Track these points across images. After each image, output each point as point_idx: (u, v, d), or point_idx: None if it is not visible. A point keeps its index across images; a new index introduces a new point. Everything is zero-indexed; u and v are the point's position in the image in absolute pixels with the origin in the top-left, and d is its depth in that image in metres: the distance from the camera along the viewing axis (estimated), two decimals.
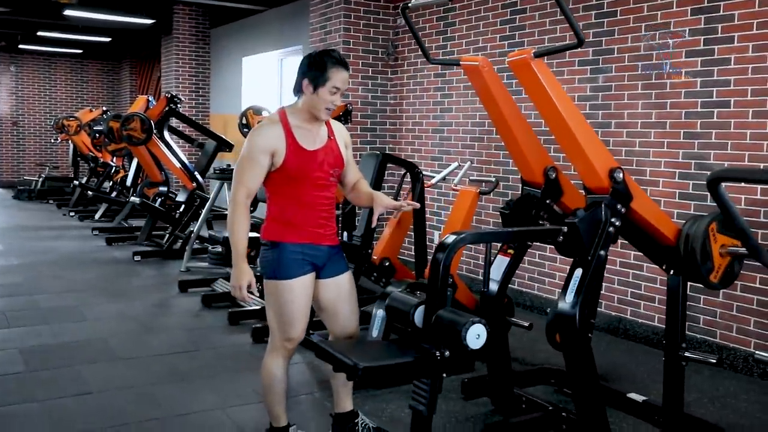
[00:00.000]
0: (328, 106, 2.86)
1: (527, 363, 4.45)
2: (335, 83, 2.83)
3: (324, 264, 3.02)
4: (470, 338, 2.73)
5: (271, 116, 2.99)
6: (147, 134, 7.61)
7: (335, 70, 2.83)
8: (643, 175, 4.89)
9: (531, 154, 3.34)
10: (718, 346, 4.48)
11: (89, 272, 6.89)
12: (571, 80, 5.41)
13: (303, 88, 2.87)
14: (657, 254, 3.38)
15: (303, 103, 2.89)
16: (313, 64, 2.85)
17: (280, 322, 3.01)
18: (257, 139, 2.87)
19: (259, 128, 2.93)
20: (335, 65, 2.84)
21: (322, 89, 2.82)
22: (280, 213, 2.95)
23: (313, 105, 2.86)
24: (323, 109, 2.86)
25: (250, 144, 2.87)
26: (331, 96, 2.84)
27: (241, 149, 2.90)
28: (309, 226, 2.95)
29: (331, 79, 2.83)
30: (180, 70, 11.80)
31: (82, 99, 16.35)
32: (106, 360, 4.35)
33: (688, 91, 4.61)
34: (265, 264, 2.98)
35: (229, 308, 5.39)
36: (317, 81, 2.83)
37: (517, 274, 5.83)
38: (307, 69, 2.86)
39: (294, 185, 2.91)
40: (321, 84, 2.82)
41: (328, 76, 2.82)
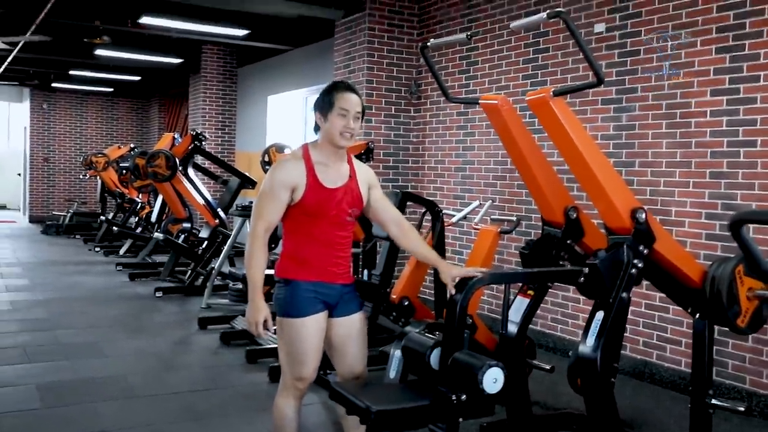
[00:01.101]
0: (341, 130, 2.86)
1: (549, 407, 4.34)
2: (342, 105, 2.86)
3: (336, 303, 2.99)
4: (487, 382, 2.66)
5: (294, 152, 3.00)
6: (172, 171, 7.69)
7: (340, 94, 2.88)
8: (668, 216, 4.81)
9: (551, 193, 3.29)
10: (747, 393, 4.33)
11: (112, 308, 6.92)
12: (594, 119, 5.37)
13: (317, 120, 2.93)
14: (682, 297, 3.30)
15: (321, 136, 2.93)
16: (321, 96, 2.93)
17: (291, 361, 2.96)
18: (278, 174, 2.88)
19: (281, 163, 2.94)
20: (340, 90, 2.90)
21: (331, 114, 2.86)
22: (294, 250, 2.93)
23: (328, 133, 2.88)
24: (338, 134, 2.86)
25: (271, 178, 2.88)
26: (342, 120, 2.85)
27: (262, 184, 2.91)
28: (323, 264, 2.93)
29: (338, 101, 2.86)
30: (207, 108, 11.98)
31: (111, 136, 16.65)
32: (123, 397, 4.32)
33: (713, 131, 4.55)
34: (277, 301, 2.96)
35: (247, 346, 5.36)
36: (325, 108, 2.88)
37: (540, 315, 5.74)
38: (317, 102, 2.94)
39: (311, 222, 2.91)
40: (329, 110, 2.87)
41: (333, 100, 2.86)
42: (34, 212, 16.05)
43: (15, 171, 17.71)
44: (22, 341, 5.55)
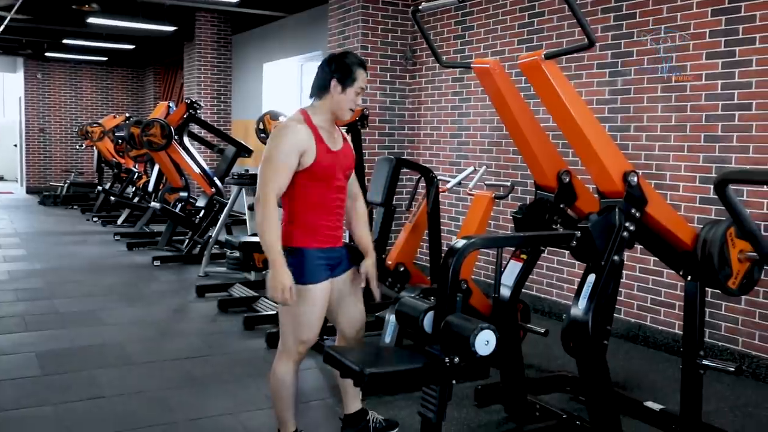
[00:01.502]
0: (351, 106, 2.96)
1: (543, 370, 4.38)
2: (361, 84, 2.95)
3: (338, 263, 3.05)
4: (479, 344, 2.68)
5: (295, 117, 2.96)
6: (167, 140, 7.67)
7: (360, 71, 2.96)
8: (662, 180, 4.81)
9: (544, 157, 3.28)
10: (740, 354, 4.37)
11: (109, 277, 6.95)
12: (589, 83, 5.34)
13: (331, 88, 2.92)
14: (674, 259, 3.30)
15: (327, 103, 2.94)
16: (340, 66, 2.93)
17: (297, 324, 2.99)
18: (291, 138, 2.84)
19: (288, 127, 2.88)
20: (359, 67, 2.96)
21: (350, 89, 2.93)
22: (301, 217, 2.93)
23: (339, 105, 2.94)
24: (347, 108, 2.95)
25: (279, 142, 2.84)
26: (356, 96, 2.96)
27: (267, 148, 2.87)
28: (330, 230, 2.98)
29: (358, 80, 2.94)
30: (202, 76, 11.90)
31: (107, 106, 16.55)
32: (121, 364, 4.36)
33: (708, 94, 4.53)
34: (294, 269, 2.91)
35: (245, 313, 5.40)
36: (345, 82, 2.92)
37: (535, 279, 5.77)
38: (335, 70, 2.93)
39: (317, 187, 2.92)
40: (349, 85, 2.92)
41: (355, 77, 2.93)
42: (31, 183, 16.03)
43: (11, 142, 17.65)
44: (20, 310, 5.58)
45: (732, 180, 2.00)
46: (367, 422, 3.28)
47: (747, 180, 2.26)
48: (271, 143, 2.87)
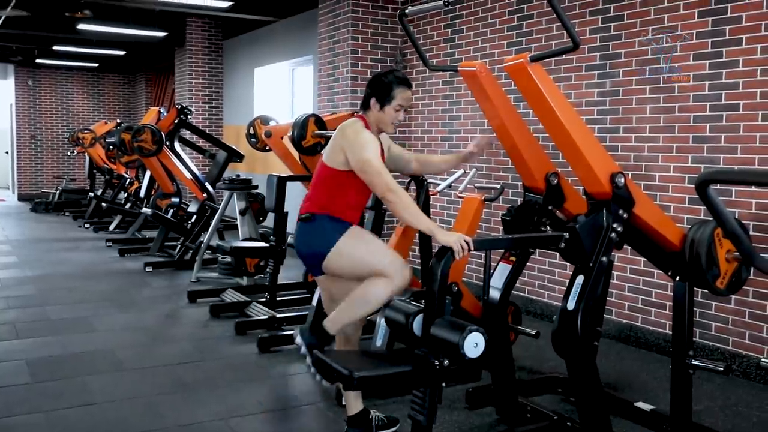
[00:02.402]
0: (393, 121, 3.18)
1: (535, 371, 4.39)
2: (399, 102, 3.15)
3: None
4: (468, 347, 2.69)
5: (358, 122, 3.17)
6: (158, 145, 7.66)
7: (400, 89, 3.15)
8: (652, 180, 4.83)
9: (532, 160, 3.30)
10: (730, 354, 4.39)
11: (101, 283, 6.93)
12: (578, 85, 5.36)
13: (371, 105, 3.17)
14: (662, 260, 3.32)
15: (371, 117, 3.19)
16: (380, 84, 3.16)
17: (382, 252, 3.15)
18: (371, 137, 3.09)
19: (363, 129, 3.12)
20: (399, 85, 3.16)
21: (388, 107, 3.15)
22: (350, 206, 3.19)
23: (381, 121, 3.18)
24: (390, 124, 3.19)
25: (366, 140, 3.05)
26: (396, 113, 3.17)
27: (354, 145, 3.03)
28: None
29: (396, 98, 3.14)
30: (193, 81, 11.89)
31: (98, 112, 16.52)
32: (112, 371, 4.35)
33: (696, 95, 4.55)
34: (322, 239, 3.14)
35: (236, 318, 5.39)
36: (384, 100, 3.13)
37: (527, 281, 5.79)
38: (375, 89, 3.17)
39: (362, 191, 3.17)
40: (387, 103, 3.14)
41: (393, 95, 3.14)
42: (22, 190, 15.97)
43: (2, 149, 17.59)
44: (11, 317, 5.56)
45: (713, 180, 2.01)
46: (370, 421, 3.34)
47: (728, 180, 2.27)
48: (357, 140, 3.04)
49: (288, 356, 4.64)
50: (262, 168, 9.61)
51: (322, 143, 5.46)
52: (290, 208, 6.14)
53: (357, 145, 3.04)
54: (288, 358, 4.62)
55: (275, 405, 3.90)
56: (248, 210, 6.81)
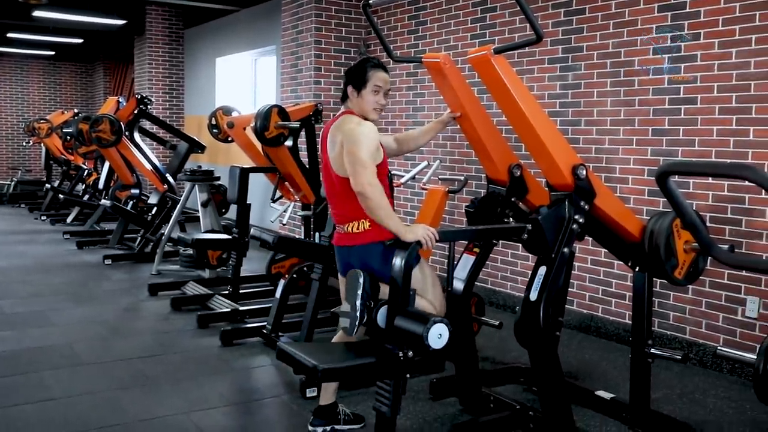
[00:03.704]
0: (374, 106, 3.10)
1: (497, 362, 4.43)
2: (375, 82, 3.08)
3: None
4: (432, 338, 2.70)
5: (354, 117, 3.09)
6: (117, 136, 7.51)
7: (373, 71, 3.09)
8: (612, 173, 4.89)
9: (495, 151, 3.32)
10: (687, 342, 4.49)
11: (58, 277, 6.78)
12: (541, 78, 5.40)
13: (349, 95, 3.12)
14: (622, 251, 3.38)
15: (354, 108, 3.12)
16: (353, 71, 3.12)
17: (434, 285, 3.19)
18: (373, 132, 3.01)
19: (365, 123, 3.06)
20: (372, 67, 3.10)
21: (365, 90, 3.08)
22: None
23: (361, 107, 3.10)
24: (371, 109, 3.10)
25: (368, 134, 2.98)
26: (375, 96, 3.09)
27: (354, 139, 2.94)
28: None
29: (371, 79, 3.07)
30: (153, 71, 11.68)
31: (55, 101, 16.13)
32: (70, 365, 4.26)
33: (655, 89, 4.62)
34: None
35: (198, 311, 5.33)
36: (359, 84, 3.08)
37: (490, 272, 5.83)
38: (349, 76, 3.12)
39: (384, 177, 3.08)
40: (363, 86, 3.07)
41: (367, 77, 3.07)
42: None
43: None
44: None
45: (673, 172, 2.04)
46: (336, 414, 3.32)
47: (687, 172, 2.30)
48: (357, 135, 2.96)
49: (251, 349, 4.61)
50: (224, 159, 9.50)
51: (285, 134, 5.42)
52: (253, 199, 6.10)
53: (354, 135, 2.97)
54: (251, 350, 4.58)
55: (238, 398, 3.86)
56: (210, 202, 6.73)
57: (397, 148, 3.53)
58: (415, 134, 3.55)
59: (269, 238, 4.14)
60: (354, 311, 2.95)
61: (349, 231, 3.14)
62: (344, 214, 3.10)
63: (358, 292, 2.95)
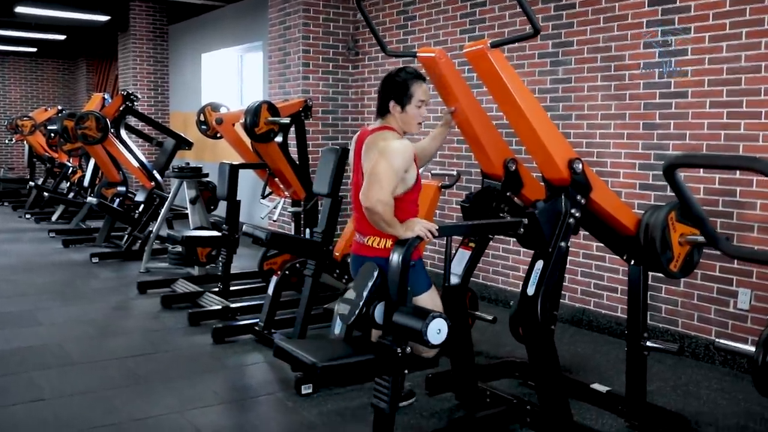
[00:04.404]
0: (418, 120, 3.07)
1: (492, 356, 4.43)
2: (420, 97, 3.03)
3: None
4: (431, 333, 2.69)
5: (392, 133, 3.03)
6: (103, 133, 7.42)
7: (416, 84, 3.02)
8: (603, 167, 4.90)
9: (490, 146, 3.30)
10: (680, 335, 4.51)
11: (45, 276, 6.71)
12: (531, 73, 5.40)
13: (391, 109, 3.05)
14: (617, 245, 3.38)
15: (395, 122, 3.06)
16: (395, 85, 3.03)
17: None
18: (408, 152, 2.93)
19: (401, 141, 2.99)
20: (415, 80, 3.03)
21: (410, 106, 3.03)
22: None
23: (406, 122, 3.06)
24: (416, 124, 3.07)
25: (402, 152, 2.91)
26: (418, 110, 3.05)
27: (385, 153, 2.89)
28: None
29: (416, 94, 3.02)
30: (138, 67, 11.58)
31: (37, 99, 15.95)
32: (60, 365, 4.21)
33: (646, 83, 4.63)
34: (418, 280, 3.06)
35: (189, 309, 5.28)
36: (402, 99, 3.01)
37: (482, 267, 5.82)
38: (391, 90, 3.04)
39: (416, 200, 3.10)
40: (408, 102, 3.02)
41: (412, 92, 3.02)
42: None
43: None
44: None
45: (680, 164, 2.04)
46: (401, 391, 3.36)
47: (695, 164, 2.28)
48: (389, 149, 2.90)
49: (243, 346, 4.58)
50: (212, 156, 9.44)
51: (275, 130, 5.38)
52: (242, 196, 6.06)
53: (386, 150, 2.91)
54: (243, 348, 4.55)
55: (232, 396, 3.83)
56: (199, 198, 6.68)
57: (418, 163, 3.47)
58: (425, 145, 3.44)
59: (262, 234, 4.11)
60: (359, 299, 2.94)
61: (368, 244, 3.13)
62: (368, 225, 3.05)
63: (369, 284, 2.93)
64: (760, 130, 4.07)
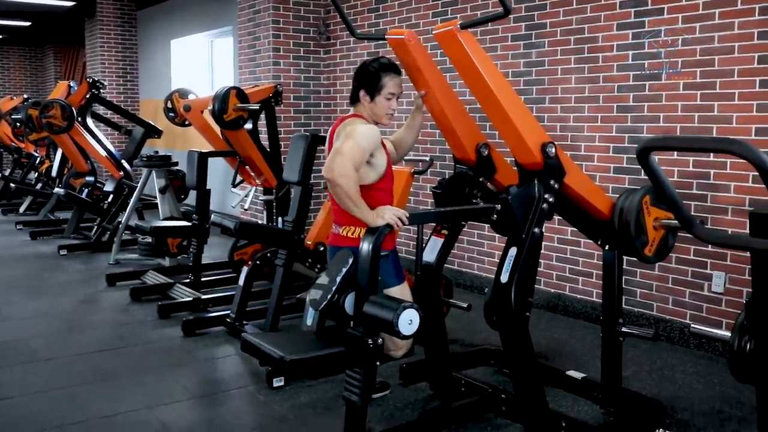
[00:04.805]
0: (387, 111, 3.02)
1: (468, 344, 4.38)
2: (390, 90, 3.00)
3: None
4: (402, 324, 2.62)
5: (361, 120, 3.00)
6: (68, 121, 7.24)
7: (389, 76, 2.99)
8: (578, 151, 4.86)
9: (462, 131, 3.22)
10: (655, 319, 4.49)
11: (11, 269, 6.53)
12: (504, 56, 5.33)
13: (361, 98, 3.02)
14: (592, 229, 3.33)
15: (364, 112, 3.03)
16: (367, 74, 3.00)
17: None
18: (373, 136, 2.88)
19: (368, 125, 2.96)
20: (387, 72, 2.99)
21: (379, 97, 2.99)
22: None
23: (374, 113, 3.03)
24: (384, 115, 3.03)
25: (366, 134, 2.87)
26: (388, 102, 3.01)
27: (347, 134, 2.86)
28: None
29: (386, 87, 2.99)
30: (105, 54, 11.33)
31: (3, 87, 15.58)
32: (26, 362, 4.08)
33: (620, 65, 4.58)
34: (390, 271, 3.01)
35: (159, 301, 5.17)
36: (372, 89, 2.99)
37: (456, 254, 5.77)
38: (362, 80, 3.01)
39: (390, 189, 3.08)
40: (377, 93, 2.99)
41: (382, 84, 2.98)
42: None
43: None
44: None
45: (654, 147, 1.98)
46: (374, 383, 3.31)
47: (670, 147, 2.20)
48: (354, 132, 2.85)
49: (214, 339, 4.48)
50: (182, 144, 9.28)
51: (244, 117, 5.26)
52: (213, 184, 5.94)
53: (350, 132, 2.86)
54: (214, 340, 4.46)
55: (203, 390, 3.73)
56: (168, 188, 6.54)
57: (397, 154, 3.39)
58: (401, 135, 3.36)
59: (230, 224, 4.01)
60: (331, 284, 2.86)
61: (344, 234, 3.08)
62: (344, 215, 3.00)
63: (343, 269, 2.86)
64: (733, 112, 4.04)
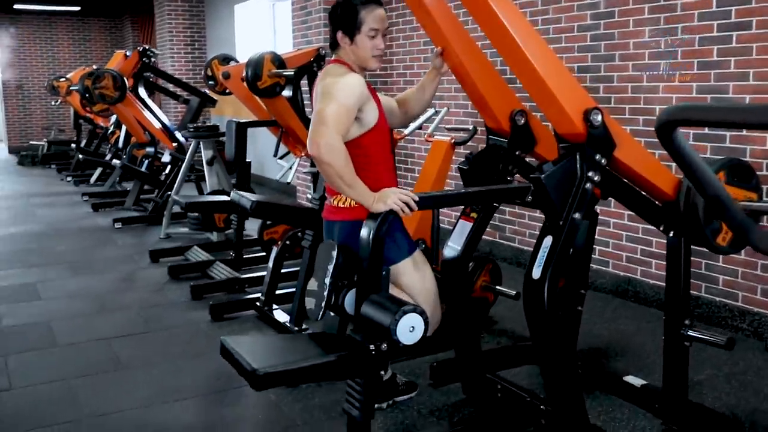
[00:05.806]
0: (374, 52, 2.58)
1: (517, 336, 3.89)
2: (371, 24, 2.54)
3: None
4: (402, 331, 2.19)
5: (340, 67, 2.57)
6: (120, 92, 7.08)
7: (366, 10, 2.54)
8: (651, 115, 4.21)
9: (491, 95, 2.72)
10: (740, 311, 3.85)
11: (64, 243, 6.47)
12: (569, 8, 4.70)
13: (340, 42, 2.59)
14: (652, 212, 2.76)
15: (348, 58, 2.60)
16: (341, 13, 2.56)
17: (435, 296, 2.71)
18: (357, 86, 2.45)
19: (349, 75, 2.51)
20: (364, 4, 2.54)
21: (359, 36, 2.55)
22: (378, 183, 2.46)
23: (358, 57, 2.59)
24: (371, 57, 2.59)
25: (348, 86, 2.44)
26: (372, 40, 2.56)
27: (326, 92, 2.42)
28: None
29: (366, 22, 2.54)
30: (173, 23, 11.21)
31: (85, 58, 15.81)
32: (40, 348, 3.88)
33: (701, 13, 3.90)
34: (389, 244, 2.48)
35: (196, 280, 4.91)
36: (350, 29, 2.55)
37: (517, 230, 5.24)
38: (337, 20, 2.57)
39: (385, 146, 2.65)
40: (356, 31, 2.55)
41: (361, 20, 2.54)
42: (12, 142, 15.49)
43: None
44: None
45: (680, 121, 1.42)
46: (397, 386, 3.07)
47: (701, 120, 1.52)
48: (330, 87, 2.43)
49: (242, 324, 4.18)
50: (233, 113, 9.01)
51: (281, 83, 4.88)
52: (252, 156, 5.62)
53: (328, 88, 2.43)
54: (242, 326, 4.15)
55: (213, 387, 3.37)
56: (217, 159, 6.27)
57: (402, 113, 2.89)
58: (414, 92, 2.89)
59: (247, 203, 3.65)
60: (321, 289, 2.46)
61: (334, 204, 2.68)
62: None
63: (329, 268, 2.46)
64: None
